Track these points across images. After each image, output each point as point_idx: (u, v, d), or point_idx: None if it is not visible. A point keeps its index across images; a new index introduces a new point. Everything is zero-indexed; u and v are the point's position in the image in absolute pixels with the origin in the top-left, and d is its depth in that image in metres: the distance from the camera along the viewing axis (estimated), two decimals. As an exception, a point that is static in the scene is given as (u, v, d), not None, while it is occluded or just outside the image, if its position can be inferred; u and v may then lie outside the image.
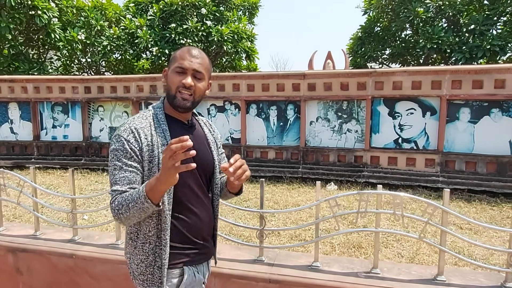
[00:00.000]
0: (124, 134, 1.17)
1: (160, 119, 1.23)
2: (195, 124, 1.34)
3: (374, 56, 13.25)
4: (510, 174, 5.27)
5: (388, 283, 2.00)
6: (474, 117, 5.45)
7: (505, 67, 5.15)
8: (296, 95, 6.12)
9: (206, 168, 1.30)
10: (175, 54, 1.25)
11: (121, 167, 1.15)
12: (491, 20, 10.37)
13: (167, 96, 1.25)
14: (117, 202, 1.13)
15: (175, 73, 1.21)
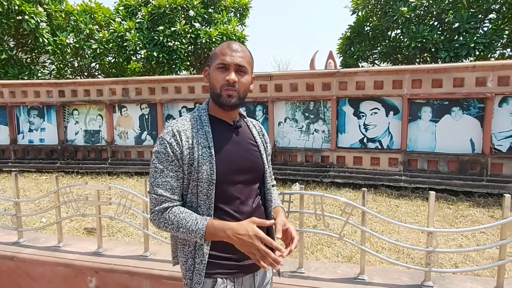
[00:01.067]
0: (166, 136, 1.15)
1: (204, 120, 1.21)
2: (242, 125, 1.28)
3: (363, 56, 13.32)
4: (471, 173, 5.35)
5: (310, 282, 2.07)
6: (436, 116, 5.55)
7: (463, 65, 5.25)
8: (264, 96, 6.29)
9: (254, 172, 1.24)
10: (215, 51, 1.22)
11: (162, 170, 1.14)
12: (476, 18, 10.39)
13: (212, 96, 1.22)
14: (168, 218, 1.12)
15: (217, 71, 1.18)
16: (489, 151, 5.24)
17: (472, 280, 2.25)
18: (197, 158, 1.14)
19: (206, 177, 1.13)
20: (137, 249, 2.51)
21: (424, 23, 11.12)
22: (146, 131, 7.09)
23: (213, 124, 1.21)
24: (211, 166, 1.13)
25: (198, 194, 1.15)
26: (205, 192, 1.14)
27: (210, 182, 1.13)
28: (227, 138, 1.21)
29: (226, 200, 1.16)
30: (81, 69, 15.21)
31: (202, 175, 1.13)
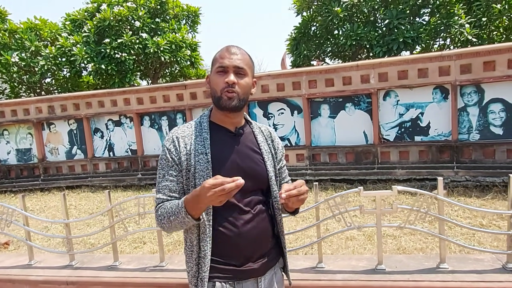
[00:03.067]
0: (167, 143, 1.23)
1: (204, 126, 1.24)
2: (244, 132, 1.29)
3: (310, 55, 14.00)
4: (365, 162, 6.01)
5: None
6: (333, 112, 6.20)
7: (349, 65, 5.91)
8: (181, 104, 6.83)
9: (254, 179, 1.24)
10: (215, 56, 1.25)
11: (163, 175, 1.21)
12: (404, 14, 11.21)
13: (213, 100, 1.24)
14: (160, 213, 1.18)
15: (217, 74, 1.21)
16: (378, 141, 5.90)
17: None
18: (193, 164, 1.18)
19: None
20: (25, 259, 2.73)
21: (358, 22, 11.87)
22: (76, 145, 7.53)
23: (213, 131, 1.24)
24: (208, 173, 1.17)
25: None
26: None
27: None
28: (225, 145, 1.24)
29: (225, 207, 1.14)
30: (33, 87, 15.43)
31: (199, 181, 1.16)
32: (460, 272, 2.45)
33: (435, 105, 5.63)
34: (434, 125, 5.68)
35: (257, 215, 1.25)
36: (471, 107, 5.45)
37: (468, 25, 11.31)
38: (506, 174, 5.06)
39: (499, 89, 5.24)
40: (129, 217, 2.93)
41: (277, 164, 1.35)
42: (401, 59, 5.68)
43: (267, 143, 1.33)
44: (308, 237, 4.05)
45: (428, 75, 5.49)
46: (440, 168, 5.55)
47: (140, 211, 2.88)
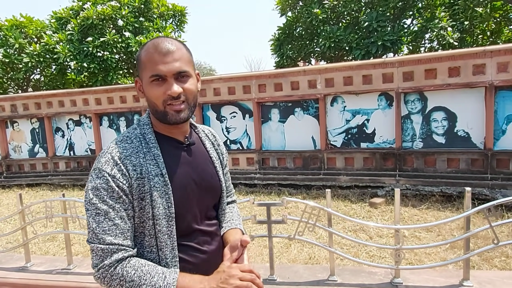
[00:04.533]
0: (106, 167, 0.94)
1: (149, 140, 1.01)
2: (194, 141, 1.11)
3: (293, 56, 14.05)
4: (312, 167, 6.07)
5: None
6: (283, 116, 6.27)
7: (296, 70, 5.98)
8: (137, 106, 6.97)
9: (212, 194, 1.12)
10: (140, 58, 1.01)
11: (107, 212, 0.92)
12: (384, 16, 11.20)
13: (154, 114, 1.02)
14: (126, 273, 0.91)
15: (152, 84, 0.98)
16: (325, 147, 5.96)
17: (439, 275, 2.80)
18: (149, 190, 0.95)
19: (163, 212, 0.96)
20: None
21: (338, 24, 11.89)
22: (38, 144, 7.73)
23: (160, 144, 1.02)
24: (167, 198, 0.97)
25: (157, 235, 0.97)
26: (165, 230, 0.97)
27: (169, 217, 0.97)
28: (179, 160, 1.04)
29: (187, 233, 1.03)
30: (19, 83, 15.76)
31: (158, 210, 0.96)
32: (346, 286, 2.55)
33: (380, 112, 5.67)
34: (379, 132, 5.71)
35: (216, 233, 1.12)
36: (414, 115, 5.47)
37: (450, 28, 11.25)
38: (445, 183, 5.09)
39: (441, 97, 5.25)
40: (37, 220, 3.09)
41: (224, 171, 1.20)
42: (346, 65, 5.72)
43: (214, 149, 1.17)
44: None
45: (372, 82, 5.53)
46: (382, 176, 5.58)
47: (47, 214, 3.04)
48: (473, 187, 4.98)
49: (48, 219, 2.98)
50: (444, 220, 2.92)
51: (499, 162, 4.93)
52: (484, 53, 4.80)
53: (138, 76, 1.02)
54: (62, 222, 3.01)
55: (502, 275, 3.10)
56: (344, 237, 3.02)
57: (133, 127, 1.05)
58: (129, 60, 14.52)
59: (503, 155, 4.91)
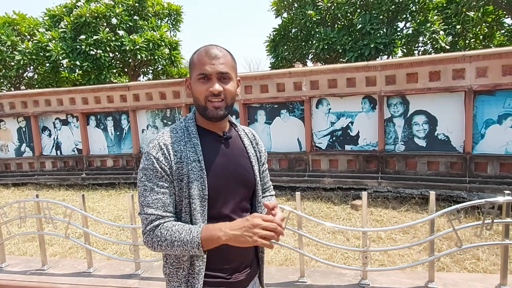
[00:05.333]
0: (153, 151, 1.12)
1: (192, 132, 1.17)
2: (232, 136, 1.26)
3: (288, 57, 14.13)
4: (297, 169, 6.16)
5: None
6: (269, 118, 6.37)
7: (282, 72, 6.08)
8: (124, 105, 7.05)
9: (245, 186, 1.23)
10: (193, 60, 1.18)
11: (152, 188, 1.10)
12: (377, 19, 11.30)
13: (197, 108, 1.19)
14: (160, 234, 1.08)
15: (198, 82, 1.15)
16: (310, 149, 6.05)
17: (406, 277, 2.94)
18: (186, 173, 1.11)
19: (197, 193, 1.11)
20: None
21: (331, 26, 12.00)
22: (25, 143, 7.79)
23: (201, 136, 1.18)
24: (202, 181, 1.11)
25: (192, 212, 1.12)
26: (199, 209, 1.12)
27: (202, 199, 1.12)
28: (216, 150, 1.19)
29: (217, 216, 1.15)
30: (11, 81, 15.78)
31: (193, 191, 1.11)
32: (314, 287, 2.63)
33: (364, 115, 5.77)
34: (363, 134, 5.81)
35: None
36: (397, 118, 5.58)
37: (442, 32, 11.37)
38: (425, 186, 5.19)
39: (422, 101, 5.36)
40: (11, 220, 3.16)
41: (261, 168, 1.32)
42: (331, 67, 5.82)
43: (252, 146, 1.29)
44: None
45: (356, 85, 5.63)
46: (365, 178, 5.68)
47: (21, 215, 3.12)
48: (451, 190, 5.10)
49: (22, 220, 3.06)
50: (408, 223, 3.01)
51: (477, 165, 5.04)
52: (463, 58, 4.90)
53: (189, 76, 1.20)
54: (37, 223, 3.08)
55: (467, 277, 3.20)
56: (312, 239, 3.12)
57: (180, 121, 1.23)
58: (123, 59, 14.57)
59: (481, 159, 5.01)
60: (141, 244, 3.49)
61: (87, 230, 3.39)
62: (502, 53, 4.74)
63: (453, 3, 10.80)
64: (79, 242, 3.45)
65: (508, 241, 2.89)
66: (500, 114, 4.94)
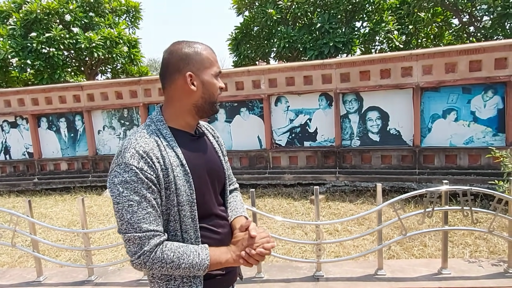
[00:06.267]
0: (133, 161, 1.01)
1: (166, 135, 1.11)
2: (204, 133, 1.27)
3: (251, 56, 14.15)
4: (258, 167, 6.21)
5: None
6: (229, 116, 6.35)
7: (241, 70, 6.09)
8: (78, 106, 6.74)
9: (219, 181, 1.25)
10: (205, 55, 1.15)
11: (140, 201, 1.01)
12: (335, 18, 11.61)
13: (206, 104, 1.16)
14: (166, 256, 1.02)
15: (215, 79, 1.16)
16: (270, 146, 6.11)
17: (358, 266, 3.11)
18: (173, 180, 1.06)
19: (186, 199, 1.08)
20: None
21: (291, 25, 12.18)
22: (-32, 147, 7.21)
23: (175, 137, 1.13)
24: (189, 185, 1.08)
25: (182, 219, 1.09)
26: (189, 215, 1.09)
27: (191, 203, 1.09)
28: (193, 150, 1.16)
29: (205, 216, 1.15)
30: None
31: (182, 197, 1.07)
32: (271, 281, 2.67)
33: (321, 112, 5.92)
34: (321, 131, 5.97)
35: (226, 217, 1.25)
36: (352, 114, 5.78)
37: (396, 32, 11.89)
38: (379, 179, 5.43)
39: (375, 98, 5.59)
40: None
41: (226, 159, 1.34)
42: (288, 66, 5.92)
43: (216, 141, 1.31)
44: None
45: (313, 82, 5.77)
46: (324, 173, 5.84)
47: None
48: (403, 182, 5.37)
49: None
50: (357, 215, 3.14)
51: (426, 158, 5.35)
52: (410, 57, 5.18)
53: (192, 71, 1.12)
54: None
55: (413, 263, 3.40)
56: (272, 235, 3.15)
57: (146, 124, 1.14)
58: (79, 57, 13.93)
59: (429, 151, 5.33)
60: (93, 249, 3.38)
61: (35, 237, 3.23)
62: (445, 52, 5.05)
63: (405, 4, 11.34)
64: (27, 250, 3.27)
65: (447, 227, 3.11)
66: (445, 109, 5.28)
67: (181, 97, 1.13)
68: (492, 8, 8.55)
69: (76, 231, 3.54)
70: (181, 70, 1.11)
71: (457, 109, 5.21)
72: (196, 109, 1.15)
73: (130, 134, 1.11)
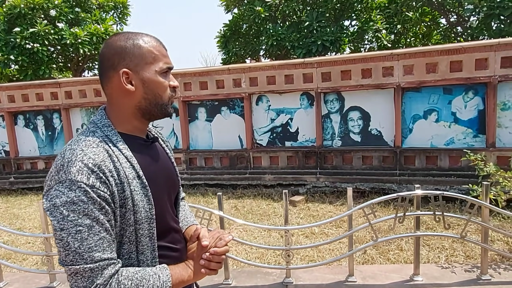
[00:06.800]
0: (81, 177, 0.83)
1: (116, 142, 0.94)
2: (157, 138, 1.12)
3: (239, 53, 13.98)
4: (238, 167, 6.08)
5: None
6: (210, 115, 6.21)
7: (221, 68, 5.95)
8: (56, 103, 6.54)
9: (174, 190, 1.13)
10: (146, 49, 0.97)
11: (90, 226, 0.83)
12: (324, 17, 11.48)
13: (154, 107, 0.99)
14: (123, 286, 0.85)
15: (162, 76, 0.97)
16: (251, 146, 5.98)
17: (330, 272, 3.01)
18: (129, 195, 0.90)
19: (145, 215, 0.93)
20: None
21: (283, 22, 12.03)
22: None
23: (127, 144, 0.97)
24: (148, 200, 0.94)
25: (139, 240, 0.94)
26: (147, 233, 0.95)
27: (150, 220, 0.95)
28: (147, 157, 1.01)
29: (163, 233, 1.02)
30: None
31: (140, 214, 0.92)
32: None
33: (302, 111, 5.80)
34: (302, 131, 5.85)
35: (181, 230, 1.13)
36: (333, 114, 5.67)
37: (384, 31, 11.80)
38: (360, 180, 5.32)
39: (356, 97, 5.49)
40: None
41: None
42: (269, 64, 5.79)
43: (166, 146, 1.17)
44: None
45: (294, 82, 5.64)
46: (304, 174, 5.73)
47: None
48: (384, 183, 5.28)
49: None
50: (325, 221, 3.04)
51: (406, 158, 5.27)
52: (391, 56, 5.07)
53: (128, 68, 0.94)
54: None
55: (386, 268, 3.30)
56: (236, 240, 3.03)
57: (90, 131, 0.95)
58: (64, 53, 13.64)
59: (410, 152, 5.24)
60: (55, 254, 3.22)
61: (-8, 241, 3.07)
62: (425, 51, 4.96)
63: (393, 3, 11.26)
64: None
65: (419, 233, 3.01)
66: (426, 109, 5.19)
67: (119, 98, 0.97)
68: (478, 8, 8.50)
69: (35, 236, 3.38)
70: (115, 66, 0.94)
71: (438, 109, 5.12)
72: (141, 112, 0.99)
73: (71, 143, 0.91)
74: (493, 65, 4.64)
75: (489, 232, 2.99)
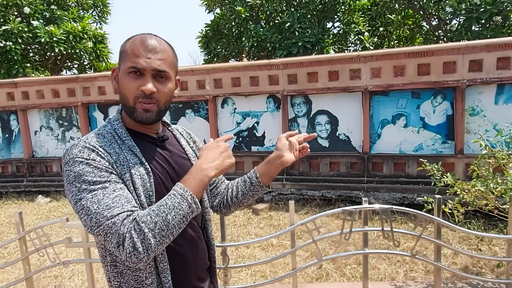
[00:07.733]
0: (82, 154, 0.88)
1: (122, 135, 0.98)
2: (168, 137, 1.09)
3: (221, 54, 13.72)
4: (203, 173, 5.78)
5: None
6: (174, 118, 5.92)
7: (184, 69, 5.67)
8: (12, 104, 6.20)
9: None
10: (124, 48, 0.97)
11: (103, 187, 0.86)
12: (305, 18, 11.29)
13: (124, 108, 0.99)
14: (148, 221, 0.84)
15: (128, 76, 0.94)
16: (216, 151, 5.69)
17: None
18: (130, 178, 0.92)
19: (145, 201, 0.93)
20: None
21: (266, 23, 11.81)
22: None
23: (133, 139, 0.99)
24: (150, 186, 0.94)
25: None
26: None
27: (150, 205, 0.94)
28: (154, 153, 1.01)
29: None
30: None
31: (140, 198, 0.92)
32: None
33: (269, 115, 5.56)
34: (269, 135, 5.61)
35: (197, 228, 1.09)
36: (301, 118, 5.43)
37: (367, 33, 11.65)
38: (326, 187, 5.08)
39: (323, 101, 5.26)
40: None
41: None
42: (233, 65, 5.53)
43: (190, 146, 1.17)
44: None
45: (259, 84, 5.40)
46: (270, 181, 5.46)
47: None
48: (351, 190, 5.05)
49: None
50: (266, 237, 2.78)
51: (374, 165, 5.05)
52: (358, 58, 4.85)
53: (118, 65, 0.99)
54: None
55: (330, 287, 3.05)
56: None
57: (103, 125, 1.01)
58: (39, 52, 13.23)
59: (378, 159, 5.02)
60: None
61: None
62: (393, 54, 4.74)
63: (375, 6, 11.12)
64: None
65: (367, 250, 2.77)
66: (394, 114, 4.98)
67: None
68: (457, 11, 8.37)
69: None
70: None
71: (407, 114, 4.91)
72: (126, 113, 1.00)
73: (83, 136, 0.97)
74: (461, 69, 4.44)
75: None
